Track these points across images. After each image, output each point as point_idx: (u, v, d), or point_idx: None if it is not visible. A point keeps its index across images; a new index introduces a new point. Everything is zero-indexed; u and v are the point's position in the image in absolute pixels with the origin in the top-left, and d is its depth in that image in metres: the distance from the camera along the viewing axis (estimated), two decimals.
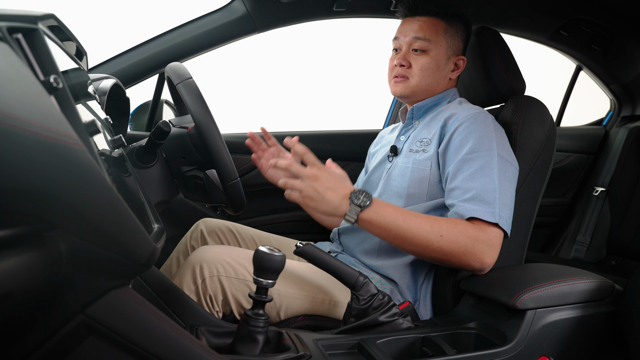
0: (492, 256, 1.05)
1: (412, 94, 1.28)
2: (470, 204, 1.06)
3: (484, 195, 1.06)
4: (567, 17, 1.82)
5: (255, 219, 1.86)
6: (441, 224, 1.04)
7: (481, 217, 1.05)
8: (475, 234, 1.04)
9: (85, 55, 0.93)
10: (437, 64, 1.26)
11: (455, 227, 1.04)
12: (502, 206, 1.07)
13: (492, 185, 1.07)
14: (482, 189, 1.07)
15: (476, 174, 1.09)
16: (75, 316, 0.63)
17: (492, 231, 1.05)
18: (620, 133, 2.23)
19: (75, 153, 0.52)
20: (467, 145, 1.12)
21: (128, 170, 0.93)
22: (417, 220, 1.04)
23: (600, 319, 0.99)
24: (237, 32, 1.67)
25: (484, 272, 1.08)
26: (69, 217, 0.54)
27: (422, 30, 1.25)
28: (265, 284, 0.83)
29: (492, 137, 1.12)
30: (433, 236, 1.03)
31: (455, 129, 1.16)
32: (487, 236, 1.05)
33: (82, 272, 0.60)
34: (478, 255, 1.04)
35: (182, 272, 1.04)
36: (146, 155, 1.12)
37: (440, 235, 1.03)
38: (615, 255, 2.02)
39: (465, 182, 1.09)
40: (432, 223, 1.04)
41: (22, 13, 0.60)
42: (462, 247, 1.03)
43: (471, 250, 1.03)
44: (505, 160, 1.12)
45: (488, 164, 1.09)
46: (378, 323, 0.98)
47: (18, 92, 0.46)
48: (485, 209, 1.05)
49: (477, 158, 1.10)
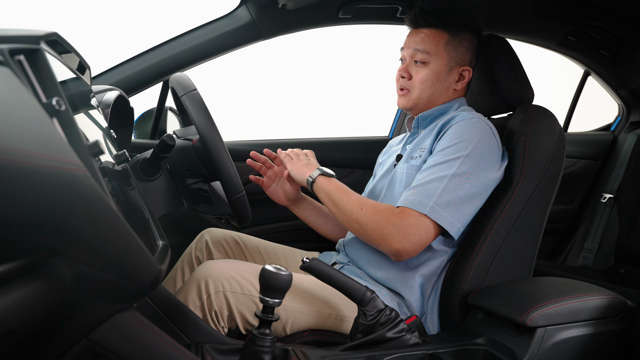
0: (403, 244, 1.06)
1: (414, 106, 1.29)
2: (408, 192, 1.11)
3: (426, 187, 1.10)
4: (575, 22, 1.80)
5: (260, 227, 1.85)
6: (368, 202, 1.13)
7: (410, 206, 1.08)
8: (391, 217, 1.08)
9: (88, 68, 0.92)
10: (437, 76, 1.25)
11: (377, 207, 1.12)
12: (443, 203, 1.07)
13: (439, 181, 1.09)
14: (428, 181, 1.10)
15: (433, 167, 1.12)
16: (80, 341, 0.62)
17: (413, 221, 1.07)
18: (629, 139, 2.21)
19: (79, 179, 0.51)
20: (445, 144, 1.14)
21: (132, 184, 0.92)
22: (353, 195, 1.16)
23: (612, 337, 0.98)
24: (242, 39, 1.65)
25: (401, 259, 1.11)
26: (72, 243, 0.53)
27: (423, 42, 1.25)
28: (272, 303, 0.82)
29: (471, 141, 1.12)
30: (355, 208, 1.12)
31: (444, 132, 1.17)
32: (403, 222, 1.07)
33: (86, 298, 0.59)
34: (387, 237, 1.07)
35: (187, 287, 1.03)
36: (150, 168, 1.11)
37: (361, 209, 1.11)
38: (623, 263, 1.99)
39: (420, 174, 1.14)
40: (362, 199, 1.14)
41: (24, 34, 0.59)
42: (374, 224, 1.09)
43: (380, 230, 1.08)
44: (474, 165, 1.11)
45: (450, 162, 1.11)
46: (385, 339, 0.97)
47: (19, 122, 0.45)
48: (420, 199, 1.08)
49: (443, 155, 1.13)
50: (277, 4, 1.53)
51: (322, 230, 1.46)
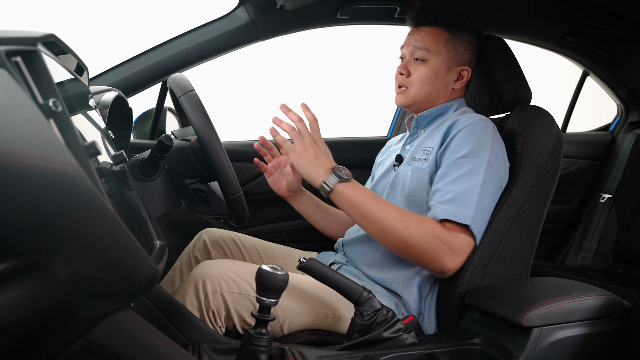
0: (454, 261, 1.05)
1: (412, 104, 1.29)
2: (446, 205, 1.07)
3: (462, 198, 1.07)
4: (573, 22, 1.80)
5: (259, 227, 1.85)
6: (410, 217, 1.06)
7: (453, 219, 1.05)
8: (442, 234, 1.04)
9: (85, 70, 0.92)
10: (436, 74, 1.26)
11: (423, 222, 1.05)
12: (478, 212, 1.06)
13: (472, 190, 1.07)
14: (462, 191, 1.07)
15: (461, 178, 1.09)
16: (76, 340, 0.62)
17: (461, 237, 1.05)
18: (627, 139, 2.21)
19: (75, 180, 0.51)
20: (461, 151, 1.13)
21: (129, 185, 0.93)
22: (388, 207, 1.07)
23: (608, 337, 0.98)
24: (241, 40, 1.66)
25: (444, 277, 1.08)
26: (69, 243, 0.53)
27: (423, 40, 1.26)
28: (268, 303, 0.82)
29: (486, 145, 1.12)
30: (399, 225, 1.04)
31: (454, 135, 1.16)
32: (454, 240, 1.05)
33: (83, 297, 0.59)
34: (439, 256, 1.04)
35: (184, 287, 1.03)
36: (148, 168, 1.11)
37: (406, 227, 1.04)
38: (622, 263, 2.00)
39: (448, 185, 1.10)
40: (402, 214, 1.06)
41: (21, 35, 0.60)
42: (425, 243, 1.03)
43: (433, 249, 1.03)
44: (493, 170, 1.11)
45: (475, 169, 1.09)
46: (382, 339, 0.97)
47: (15, 123, 0.45)
48: (460, 210, 1.05)
49: (465, 163, 1.11)
50: (276, 4, 1.53)
51: (320, 226, 1.47)
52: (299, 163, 1.10)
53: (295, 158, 1.10)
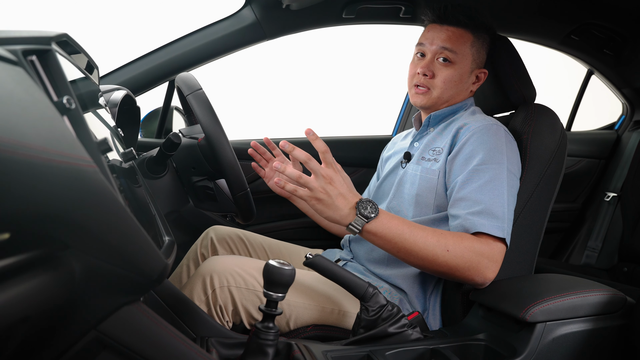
0: (495, 271, 1.05)
1: (433, 106, 1.26)
2: (478, 217, 1.05)
3: (493, 209, 1.06)
4: (578, 21, 1.80)
5: (265, 225, 1.87)
6: (447, 239, 1.02)
7: (489, 232, 1.04)
8: (481, 249, 1.03)
9: (96, 68, 0.94)
10: (461, 76, 1.23)
11: (461, 241, 1.02)
12: (508, 221, 1.07)
13: (501, 200, 1.07)
14: (491, 202, 1.06)
15: (486, 186, 1.08)
16: (89, 332, 0.64)
17: (497, 246, 1.05)
18: (632, 137, 2.21)
19: (88, 175, 0.53)
20: (478, 156, 1.11)
21: (139, 182, 0.94)
22: (423, 233, 1.01)
23: (611, 333, 0.98)
24: (247, 39, 1.68)
25: (484, 286, 1.07)
26: (82, 237, 0.55)
27: (451, 40, 1.21)
28: (275, 298, 0.84)
29: (502, 150, 1.12)
30: (439, 250, 1.01)
31: (466, 139, 1.15)
32: (492, 251, 1.04)
33: (95, 290, 0.61)
34: (482, 270, 1.03)
35: (192, 282, 1.05)
36: (157, 166, 1.13)
37: (447, 250, 1.01)
38: (627, 262, 2.00)
39: (474, 194, 1.08)
40: (439, 237, 1.02)
41: (36, 35, 0.61)
42: (468, 262, 1.02)
43: (476, 265, 1.02)
44: (513, 175, 1.12)
45: (498, 177, 1.09)
46: (387, 334, 0.99)
47: (33, 119, 0.47)
48: (494, 223, 1.05)
49: (487, 170, 1.09)
50: (282, 4, 1.54)
51: (324, 223, 1.48)
52: (318, 209, 0.97)
53: (313, 204, 0.97)
